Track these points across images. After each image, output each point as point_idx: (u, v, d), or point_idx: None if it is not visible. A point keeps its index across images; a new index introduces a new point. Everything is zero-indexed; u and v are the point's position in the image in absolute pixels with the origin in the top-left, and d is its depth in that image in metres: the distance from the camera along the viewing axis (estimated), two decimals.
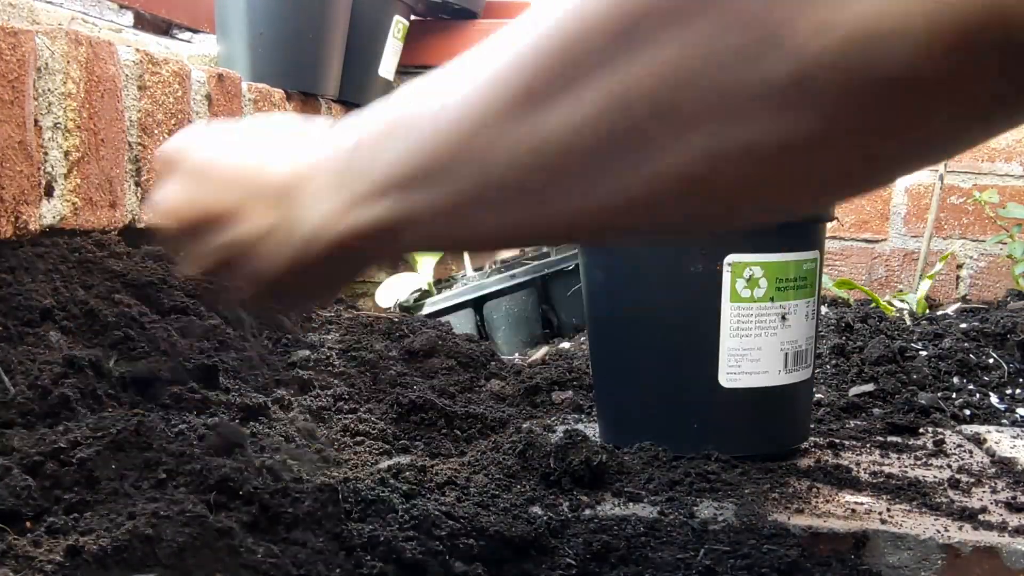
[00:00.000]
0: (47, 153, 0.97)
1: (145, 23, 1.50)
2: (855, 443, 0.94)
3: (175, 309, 0.99)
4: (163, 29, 1.57)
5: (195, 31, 1.62)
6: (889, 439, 0.96)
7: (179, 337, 0.92)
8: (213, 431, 0.67)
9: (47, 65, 0.97)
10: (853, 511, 0.73)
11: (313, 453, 0.75)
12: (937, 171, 1.80)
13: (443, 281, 1.82)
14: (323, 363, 1.04)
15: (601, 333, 0.90)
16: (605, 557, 0.64)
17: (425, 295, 1.67)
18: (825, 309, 1.54)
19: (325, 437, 0.75)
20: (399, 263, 0.53)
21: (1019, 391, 1.16)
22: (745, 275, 0.81)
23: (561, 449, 0.77)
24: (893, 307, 1.56)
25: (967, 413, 1.09)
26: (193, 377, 0.85)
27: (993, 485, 0.81)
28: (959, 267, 1.88)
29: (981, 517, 0.72)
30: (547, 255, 1.62)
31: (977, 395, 1.15)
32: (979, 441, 0.96)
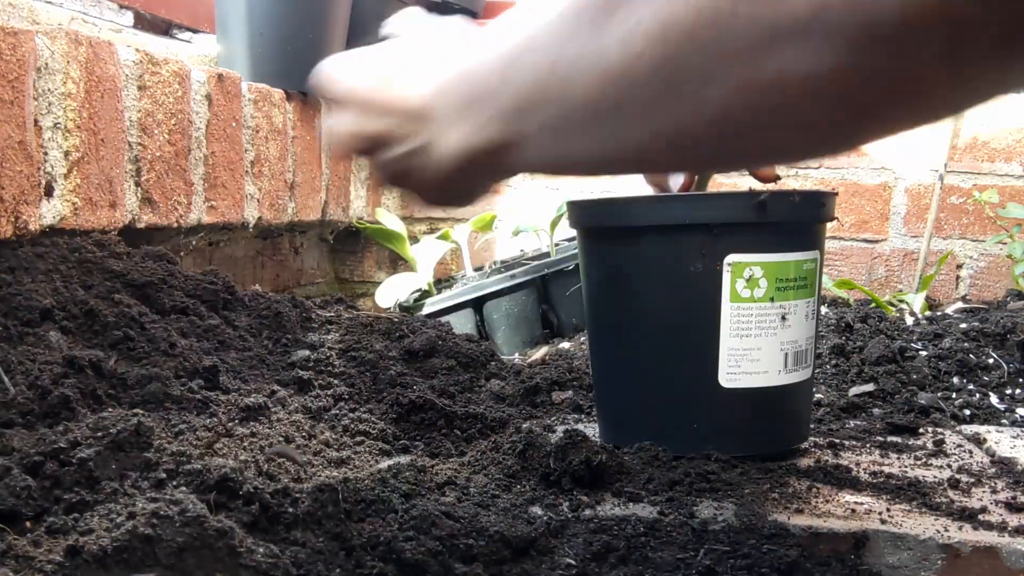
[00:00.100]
0: (47, 153, 0.97)
1: (145, 23, 1.50)
2: (855, 443, 0.94)
3: (175, 309, 0.99)
4: (163, 29, 1.57)
5: (195, 31, 1.62)
6: (889, 439, 0.96)
7: (179, 337, 0.92)
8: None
9: (47, 65, 0.97)
10: (853, 511, 0.73)
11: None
12: (937, 171, 1.80)
13: (443, 281, 1.82)
14: (323, 363, 1.04)
15: (601, 333, 0.90)
16: (605, 557, 0.64)
17: (425, 295, 1.67)
18: (825, 309, 1.54)
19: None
20: (514, 174, 0.68)
21: (1019, 391, 1.16)
22: (745, 275, 0.81)
23: (561, 449, 0.77)
24: (893, 307, 1.56)
25: (967, 413, 1.09)
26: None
27: (993, 485, 0.81)
28: (959, 267, 1.88)
29: (981, 517, 0.72)
30: (547, 255, 1.62)
31: (977, 395, 1.15)
32: (979, 441, 0.96)
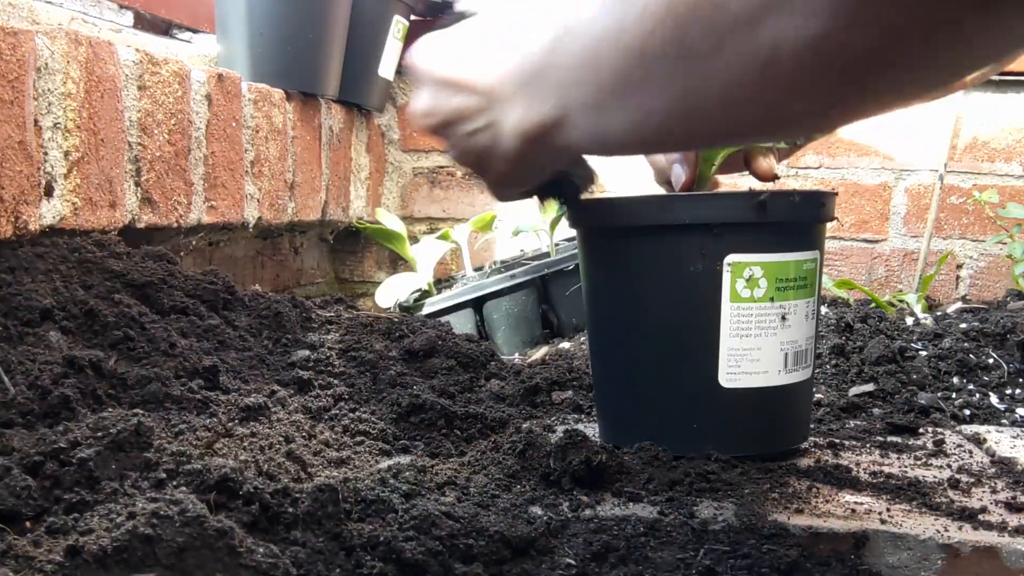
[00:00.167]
0: (47, 153, 0.97)
1: (145, 23, 1.50)
2: (855, 443, 0.94)
3: (175, 309, 0.99)
4: (163, 29, 1.57)
5: (195, 31, 1.62)
6: (889, 439, 0.96)
7: (179, 337, 0.92)
8: None
9: (47, 65, 0.97)
10: (853, 511, 0.73)
11: None
12: (937, 171, 1.80)
13: (443, 281, 1.82)
14: (323, 363, 1.04)
15: (601, 333, 0.90)
16: (605, 557, 0.64)
17: (425, 295, 1.67)
18: (825, 309, 1.54)
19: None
20: (572, 157, 0.76)
21: (1019, 391, 1.16)
22: (745, 275, 0.81)
23: (561, 449, 0.77)
24: (893, 307, 1.56)
25: (967, 413, 1.09)
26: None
27: (993, 485, 0.81)
28: (959, 267, 1.88)
29: (981, 517, 0.72)
30: (547, 255, 1.62)
31: (977, 395, 1.15)
32: (979, 441, 0.96)
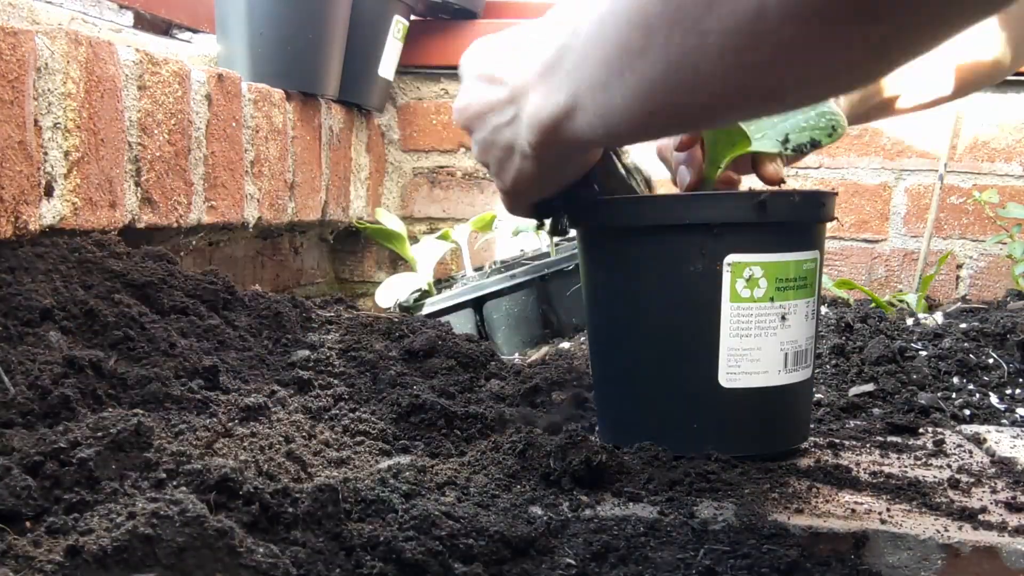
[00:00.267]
0: (47, 153, 0.97)
1: (145, 23, 1.50)
2: (855, 443, 0.94)
3: (175, 309, 0.99)
4: (163, 29, 1.57)
5: (195, 31, 1.62)
6: (889, 439, 0.96)
7: (179, 337, 0.92)
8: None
9: (47, 65, 0.97)
10: (853, 511, 0.73)
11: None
12: (937, 171, 1.80)
13: (443, 281, 1.82)
14: (323, 363, 1.04)
15: (601, 333, 0.90)
16: (605, 557, 0.64)
17: (425, 295, 1.67)
18: (825, 309, 1.54)
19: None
20: (585, 153, 0.79)
21: (1019, 391, 1.16)
22: (745, 275, 0.81)
23: (561, 449, 0.77)
24: (893, 307, 1.56)
25: (967, 413, 1.09)
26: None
27: (993, 485, 0.81)
28: (959, 267, 1.88)
29: (981, 517, 0.72)
30: (547, 255, 1.62)
31: (977, 395, 1.15)
32: (979, 441, 0.96)
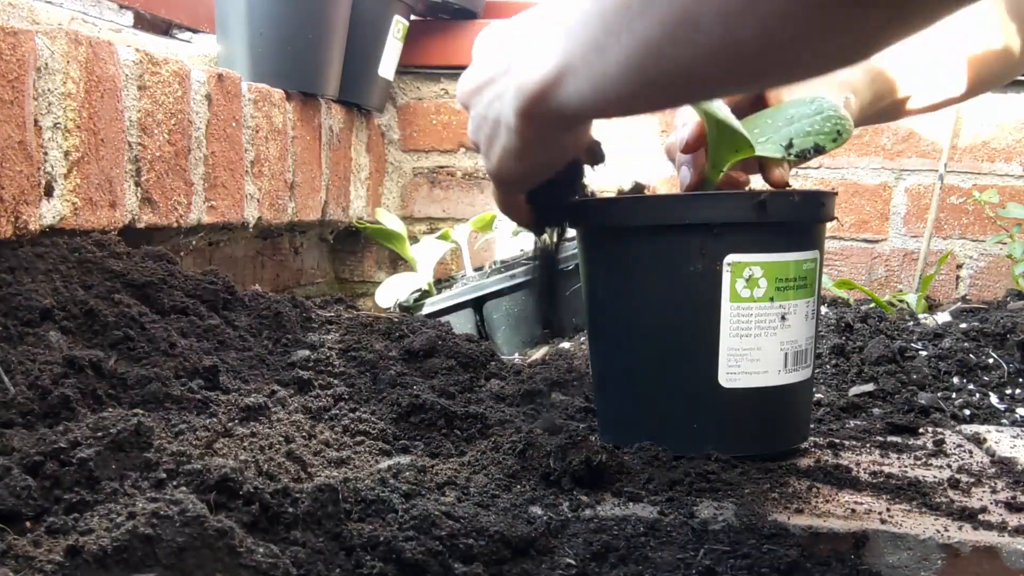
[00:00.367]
0: (47, 153, 0.97)
1: (145, 23, 1.50)
2: (855, 443, 0.94)
3: (175, 309, 0.99)
4: (163, 29, 1.57)
5: (195, 31, 1.62)
6: (889, 439, 0.96)
7: (179, 337, 0.92)
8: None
9: (47, 65, 0.97)
10: (853, 511, 0.73)
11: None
12: (937, 171, 1.80)
13: (443, 281, 1.82)
14: (323, 363, 1.04)
15: (601, 333, 0.90)
16: (605, 557, 0.64)
17: (425, 295, 1.67)
18: (825, 309, 1.54)
19: None
20: (576, 129, 0.78)
21: (1019, 391, 1.16)
22: (745, 275, 0.81)
23: (561, 449, 0.77)
24: (893, 307, 1.56)
25: (967, 413, 1.09)
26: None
27: (993, 485, 0.81)
28: (959, 267, 1.88)
29: (981, 517, 0.72)
30: None
31: (977, 395, 1.15)
32: (979, 441, 0.96)
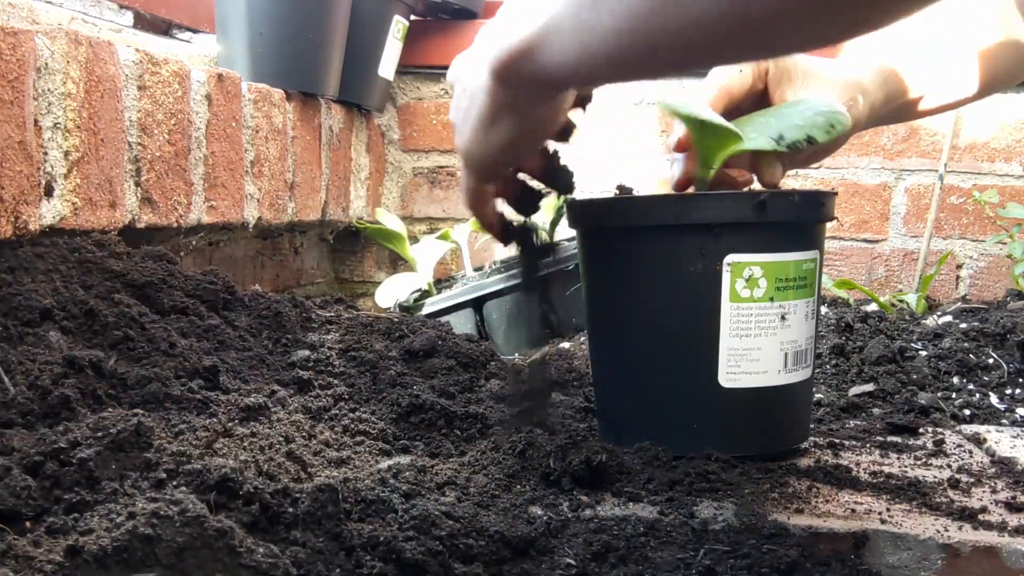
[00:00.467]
0: (47, 153, 0.97)
1: (145, 23, 1.50)
2: (855, 443, 0.94)
3: (175, 309, 0.99)
4: (163, 29, 1.57)
5: (195, 31, 1.62)
6: (889, 439, 0.96)
7: (179, 337, 0.92)
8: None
9: (47, 65, 0.97)
10: (853, 511, 0.73)
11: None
12: (937, 171, 1.80)
13: (443, 281, 1.82)
14: (323, 363, 1.04)
15: (601, 333, 0.90)
16: (605, 557, 0.64)
17: (425, 295, 1.67)
18: (825, 309, 1.54)
19: None
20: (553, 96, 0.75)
21: (1019, 391, 1.16)
22: (745, 275, 0.81)
23: (561, 449, 0.77)
24: (893, 307, 1.56)
25: (967, 413, 1.09)
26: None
27: (993, 485, 0.81)
28: (959, 267, 1.88)
29: (981, 517, 0.72)
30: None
31: (977, 395, 1.15)
32: (979, 441, 0.96)
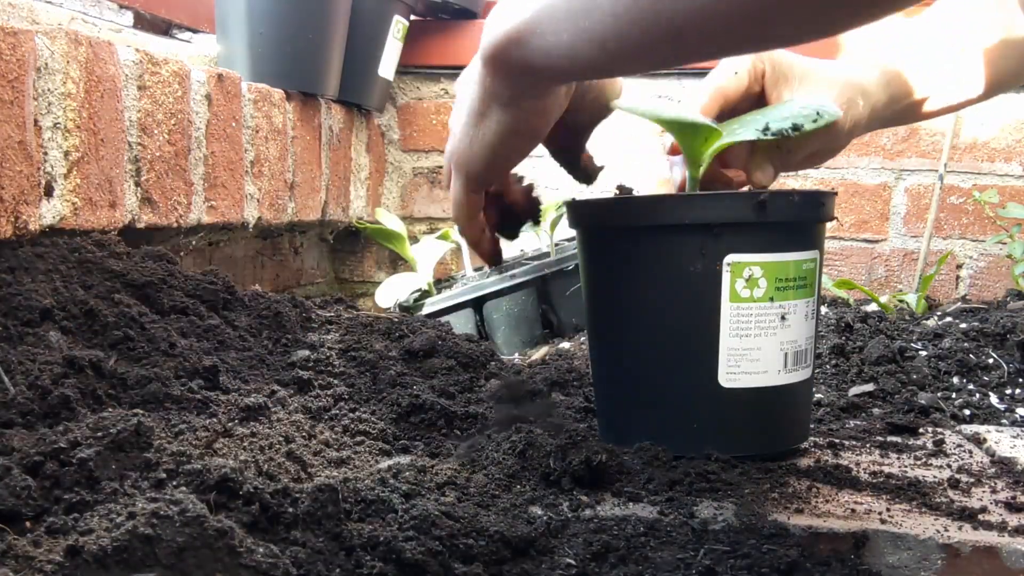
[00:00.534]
0: (47, 153, 0.97)
1: (145, 23, 1.50)
2: (855, 443, 0.94)
3: (175, 309, 0.99)
4: (163, 29, 1.57)
5: (195, 31, 1.62)
6: (889, 439, 0.96)
7: (179, 337, 0.92)
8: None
9: (47, 65, 0.97)
10: (853, 511, 0.73)
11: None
12: (937, 171, 1.80)
13: (443, 281, 1.82)
14: (323, 363, 1.04)
15: (601, 333, 0.90)
16: (605, 557, 0.64)
17: (425, 295, 1.67)
18: (825, 309, 1.54)
19: None
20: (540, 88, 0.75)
21: (1019, 391, 1.16)
22: (745, 275, 0.81)
23: (561, 449, 0.77)
24: (893, 307, 1.56)
25: (967, 413, 1.09)
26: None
27: (993, 485, 0.81)
28: (959, 267, 1.88)
29: (981, 517, 0.72)
30: (547, 255, 1.62)
31: (977, 395, 1.15)
32: (979, 441, 0.96)
